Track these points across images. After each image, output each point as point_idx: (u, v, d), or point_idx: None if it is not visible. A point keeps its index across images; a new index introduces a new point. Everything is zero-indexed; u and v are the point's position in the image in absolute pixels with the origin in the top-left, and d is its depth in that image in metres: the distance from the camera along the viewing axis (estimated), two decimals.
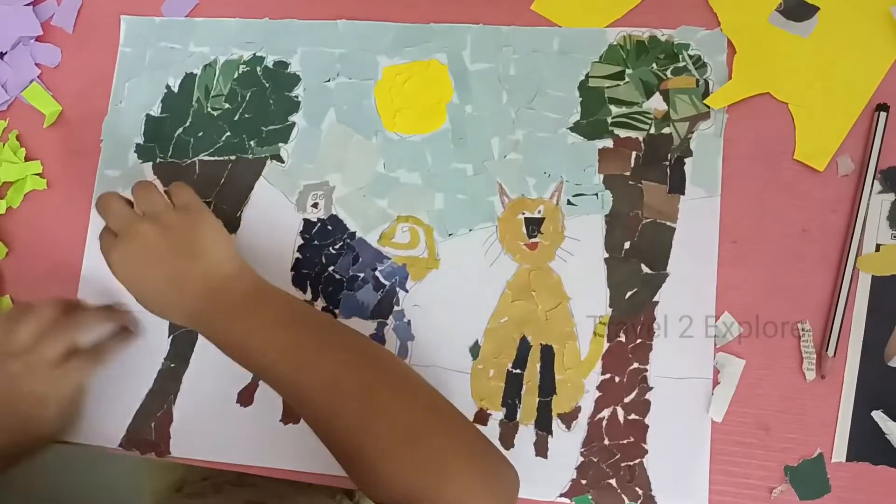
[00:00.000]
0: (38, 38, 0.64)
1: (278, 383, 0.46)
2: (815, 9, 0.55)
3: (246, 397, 0.55)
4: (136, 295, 0.50)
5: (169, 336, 0.57)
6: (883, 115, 0.51)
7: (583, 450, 0.50)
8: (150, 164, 0.60)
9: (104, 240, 0.51)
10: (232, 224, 0.58)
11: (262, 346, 0.46)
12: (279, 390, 0.46)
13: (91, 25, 0.64)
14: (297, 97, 0.59)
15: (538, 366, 0.52)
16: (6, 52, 0.64)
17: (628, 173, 0.54)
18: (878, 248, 0.50)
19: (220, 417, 0.54)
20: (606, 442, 0.50)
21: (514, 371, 0.52)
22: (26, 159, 0.62)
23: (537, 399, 0.52)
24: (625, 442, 0.50)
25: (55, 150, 0.62)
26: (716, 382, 0.50)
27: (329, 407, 0.44)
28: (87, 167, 0.61)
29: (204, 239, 0.49)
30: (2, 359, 0.50)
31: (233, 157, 0.59)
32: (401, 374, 0.46)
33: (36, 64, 0.63)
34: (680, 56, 0.55)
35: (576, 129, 0.55)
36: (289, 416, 0.54)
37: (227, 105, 0.60)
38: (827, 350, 0.49)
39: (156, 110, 0.61)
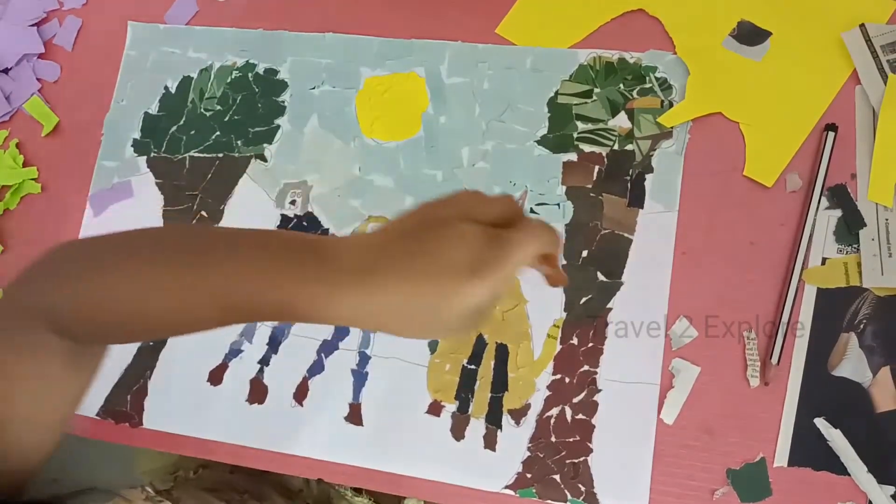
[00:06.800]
0: (39, 56, 0.70)
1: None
2: (767, 34, 0.57)
3: (215, 377, 0.58)
4: None
5: None
6: (831, 134, 0.53)
7: (530, 445, 0.53)
8: (145, 157, 0.65)
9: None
10: (215, 216, 0.62)
11: None
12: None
13: (89, 43, 0.70)
14: (283, 102, 0.63)
15: (492, 363, 0.55)
16: (11, 68, 0.69)
17: (590, 186, 0.56)
18: (824, 261, 0.52)
19: (191, 394, 0.58)
20: (553, 439, 0.52)
21: (469, 367, 0.55)
22: (24, 166, 0.67)
23: (489, 394, 0.54)
24: (571, 440, 0.52)
25: (51, 158, 0.67)
26: (669, 387, 0.52)
27: None
28: (78, 173, 0.66)
29: None
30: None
31: (220, 155, 0.63)
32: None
33: (37, 79, 0.69)
34: (647, 78, 0.57)
35: (543, 142, 0.58)
36: (254, 397, 0.57)
37: (218, 107, 0.64)
38: (771, 358, 0.50)
39: (154, 109, 0.66)
